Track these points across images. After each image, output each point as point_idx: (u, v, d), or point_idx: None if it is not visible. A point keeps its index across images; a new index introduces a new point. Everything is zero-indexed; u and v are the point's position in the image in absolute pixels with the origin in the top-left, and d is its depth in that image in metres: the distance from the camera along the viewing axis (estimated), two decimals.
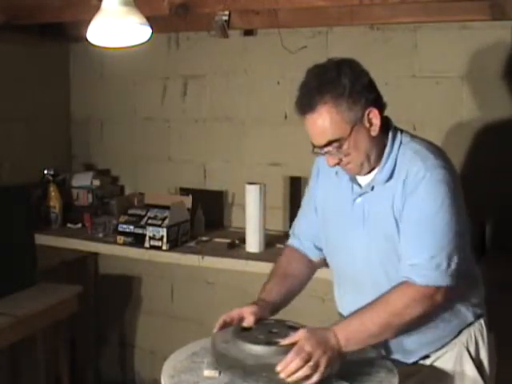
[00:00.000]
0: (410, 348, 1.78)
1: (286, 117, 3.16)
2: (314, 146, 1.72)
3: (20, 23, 2.94)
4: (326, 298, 2.90)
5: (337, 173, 1.83)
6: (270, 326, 1.75)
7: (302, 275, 1.98)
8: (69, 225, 3.31)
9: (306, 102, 1.67)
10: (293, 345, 1.56)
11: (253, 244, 2.84)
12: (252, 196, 2.84)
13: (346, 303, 1.86)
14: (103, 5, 1.98)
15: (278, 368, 1.51)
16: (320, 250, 1.96)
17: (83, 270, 3.57)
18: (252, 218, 2.84)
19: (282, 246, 2.92)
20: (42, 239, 3.09)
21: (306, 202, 2.01)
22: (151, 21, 2.03)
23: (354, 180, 1.79)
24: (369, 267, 1.76)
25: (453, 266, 1.62)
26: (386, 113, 1.75)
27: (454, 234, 1.63)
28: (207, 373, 1.68)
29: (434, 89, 2.82)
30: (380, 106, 1.69)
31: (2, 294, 2.74)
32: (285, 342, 1.60)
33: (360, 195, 1.76)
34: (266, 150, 3.22)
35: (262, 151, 3.23)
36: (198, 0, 2.58)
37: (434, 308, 1.65)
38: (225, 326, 1.76)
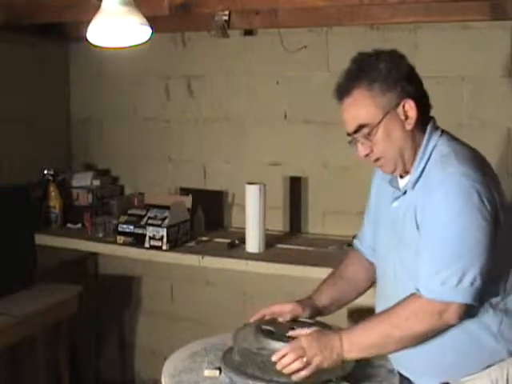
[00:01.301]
0: (420, 368, 1.69)
1: (285, 117, 3.16)
2: (348, 135, 1.67)
3: (20, 23, 2.94)
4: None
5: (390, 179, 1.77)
6: (298, 324, 1.76)
7: (357, 279, 1.94)
8: (69, 225, 3.31)
9: (344, 87, 1.65)
10: None
11: (253, 244, 2.84)
12: (252, 196, 2.84)
13: (377, 309, 1.81)
14: (103, 5, 1.97)
15: (273, 358, 1.57)
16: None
17: (83, 270, 3.57)
18: (252, 218, 2.83)
19: (282, 246, 2.94)
20: (41, 239, 3.09)
21: (367, 203, 1.96)
22: (151, 21, 2.03)
23: (393, 183, 1.74)
24: (395, 276, 1.71)
25: (466, 282, 1.50)
26: None
27: (469, 249, 1.51)
28: (208, 372, 1.68)
29: (434, 89, 2.80)
30: (420, 101, 1.63)
31: (2, 294, 2.74)
32: (291, 334, 1.65)
33: (396, 199, 1.72)
34: (266, 150, 3.22)
35: (262, 151, 3.23)
36: (198, 0, 2.58)
37: (444, 325, 1.56)
38: (262, 318, 1.80)
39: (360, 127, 1.63)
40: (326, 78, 3.00)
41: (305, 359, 1.55)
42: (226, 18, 2.87)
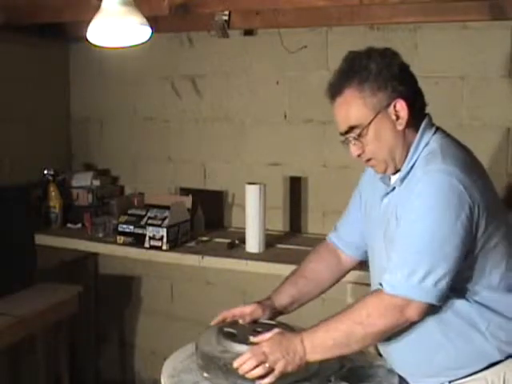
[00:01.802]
0: (416, 370, 1.67)
1: (285, 116, 3.16)
2: (341, 135, 1.66)
3: (20, 23, 2.95)
4: (326, 298, 2.89)
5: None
6: (259, 326, 1.76)
7: (320, 277, 1.93)
8: (69, 225, 3.31)
9: (335, 87, 1.64)
10: None
11: (253, 244, 2.84)
12: (252, 196, 2.84)
13: None
14: (103, 5, 1.97)
15: (234, 364, 1.55)
16: (358, 248, 1.91)
17: (83, 269, 3.57)
18: (252, 218, 2.83)
19: (282, 246, 2.94)
20: (41, 239, 3.09)
21: (353, 198, 1.94)
22: (151, 21, 2.03)
23: (385, 180, 1.72)
24: (380, 271, 1.67)
25: (430, 281, 1.46)
26: None
27: (438, 246, 1.47)
28: (207, 373, 1.68)
29: (434, 89, 2.82)
30: (412, 100, 1.60)
31: (2, 294, 2.74)
32: (254, 340, 1.62)
33: (386, 195, 1.70)
34: (266, 150, 3.22)
35: (262, 151, 3.23)
36: (198, 0, 2.58)
37: (406, 322, 1.53)
38: (223, 321, 1.80)
39: (351, 128, 1.61)
40: (325, 78, 2.97)
41: (267, 365, 1.53)
42: (226, 17, 2.87)
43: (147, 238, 2.89)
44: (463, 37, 2.75)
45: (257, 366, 1.53)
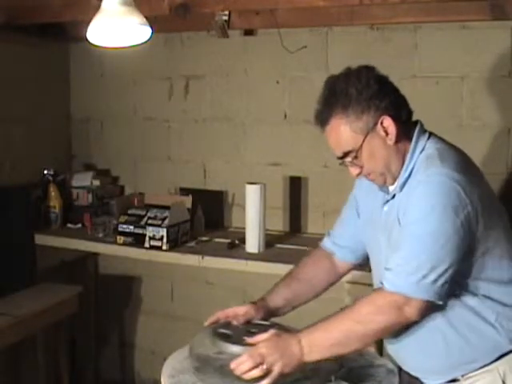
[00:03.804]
0: (428, 368, 1.68)
1: (285, 116, 3.16)
2: (338, 159, 1.70)
3: (20, 23, 2.94)
4: (323, 298, 2.89)
5: None
6: (253, 326, 1.76)
7: (314, 280, 1.93)
8: (69, 225, 3.31)
9: (322, 116, 1.66)
10: None
11: (253, 244, 2.84)
12: (252, 196, 2.84)
13: None
14: (103, 5, 1.97)
15: (231, 365, 1.54)
16: (353, 252, 1.92)
17: (83, 269, 3.57)
18: (252, 218, 2.83)
19: (281, 246, 2.95)
20: (41, 239, 3.09)
21: (348, 203, 1.95)
22: (151, 21, 2.03)
23: (383, 187, 1.74)
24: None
25: (430, 279, 1.48)
26: None
27: (439, 246, 1.49)
28: None
29: (434, 89, 2.82)
30: (396, 112, 1.62)
31: (2, 294, 2.75)
32: (250, 341, 1.62)
33: (386, 203, 1.72)
34: (266, 149, 3.22)
35: (262, 151, 3.23)
36: (198, 0, 2.58)
37: (406, 321, 1.54)
38: (217, 322, 1.81)
39: (345, 154, 1.65)
40: (325, 78, 2.99)
41: (264, 366, 1.53)
42: (226, 18, 2.87)
43: (147, 238, 2.89)
44: (463, 37, 2.75)
45: (254, 367, 1.53)
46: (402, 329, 1.61)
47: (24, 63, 3.32)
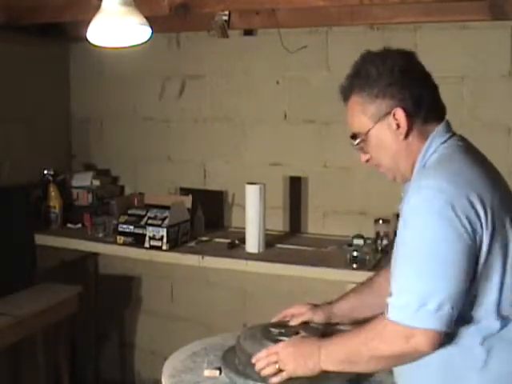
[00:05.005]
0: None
1: (285, 116, 3.16)
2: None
3: (20, 23, 2.95)
4: (327, 299, 2.89)
5: None
6: (305, 328, 1.76)
7: (385, 291, 1.82)
8: (69, 225, 3.31)
9: (343, 92, 1.60)
10: None
11: (253, 244, 2.84)
12: (252, 196, 2.83)
13: None
14: (103, 5, 1.98)
15: (253, 360, 1.61)
16: None
17: (83, 269, 3.57)
18: (252, 218, 2.83)
19: (281, 246, 2.94)
20: (42, 239, 3.09)
21: None
22: (151, 21, 2.03)
23: (403, 190, 1.60)
24: None
25: (432, 306, 1.32)
26: None
27: (438, 267, 1.34)
28: (208, 372, 1.69)
29: None
30: (414, 108, 1.50)
31: (2, 294, 2.74)
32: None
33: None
34: (266, 150, 3.22)
35: (262, 151, 3.23)
36: (198, 0, 2.59)
37: (417, 352, 1.38)
38: (284, 319, 1.84)
39: (354, 135, 1.58)
40: (325, 78, 3.00)
41: (277, 365, 1.56)
42: (226, 18, 2.87)
43: (147, 238, 2.89)
44: (463, 37, 2.75)
45: (268, 364, 1.58)
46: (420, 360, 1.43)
47: (24, 63, 3.32)
